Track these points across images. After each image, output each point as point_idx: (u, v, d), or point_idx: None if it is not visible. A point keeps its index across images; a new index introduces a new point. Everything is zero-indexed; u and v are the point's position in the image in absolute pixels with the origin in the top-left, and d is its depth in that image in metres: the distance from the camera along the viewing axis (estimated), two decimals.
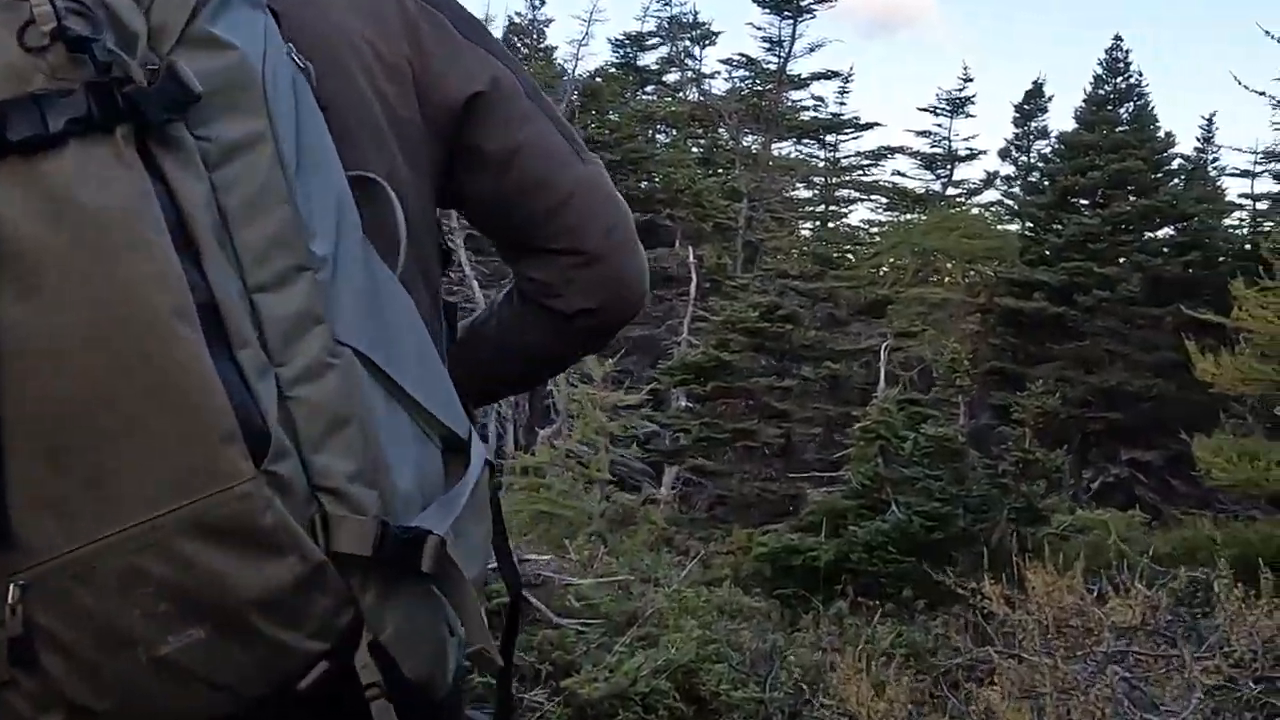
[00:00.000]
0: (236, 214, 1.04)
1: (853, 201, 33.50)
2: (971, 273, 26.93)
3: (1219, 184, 28.03)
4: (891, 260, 26.69)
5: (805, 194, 32.74)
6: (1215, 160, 29.25)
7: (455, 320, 1.48)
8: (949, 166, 34.34)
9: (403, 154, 1.32)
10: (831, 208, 32.73)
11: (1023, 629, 6.02)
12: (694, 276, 19.30)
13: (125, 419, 0.98)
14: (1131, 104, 24.62)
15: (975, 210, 32.48)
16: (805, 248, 25.78)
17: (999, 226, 30.41)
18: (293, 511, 1.02)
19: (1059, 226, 23.72)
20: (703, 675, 7.59)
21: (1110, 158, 23.01)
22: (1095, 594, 6.02)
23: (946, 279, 25.76)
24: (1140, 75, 24.85)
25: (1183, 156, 26.79)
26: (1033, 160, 32.18)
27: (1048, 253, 23.45)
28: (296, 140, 1.08)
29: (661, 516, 12.68)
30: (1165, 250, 22.80)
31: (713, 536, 13.10)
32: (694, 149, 28.86)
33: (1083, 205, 23.91)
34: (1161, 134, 24.70)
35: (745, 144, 29.69)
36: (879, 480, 10.97)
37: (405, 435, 1.12)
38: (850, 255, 25.30)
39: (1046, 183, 25.67)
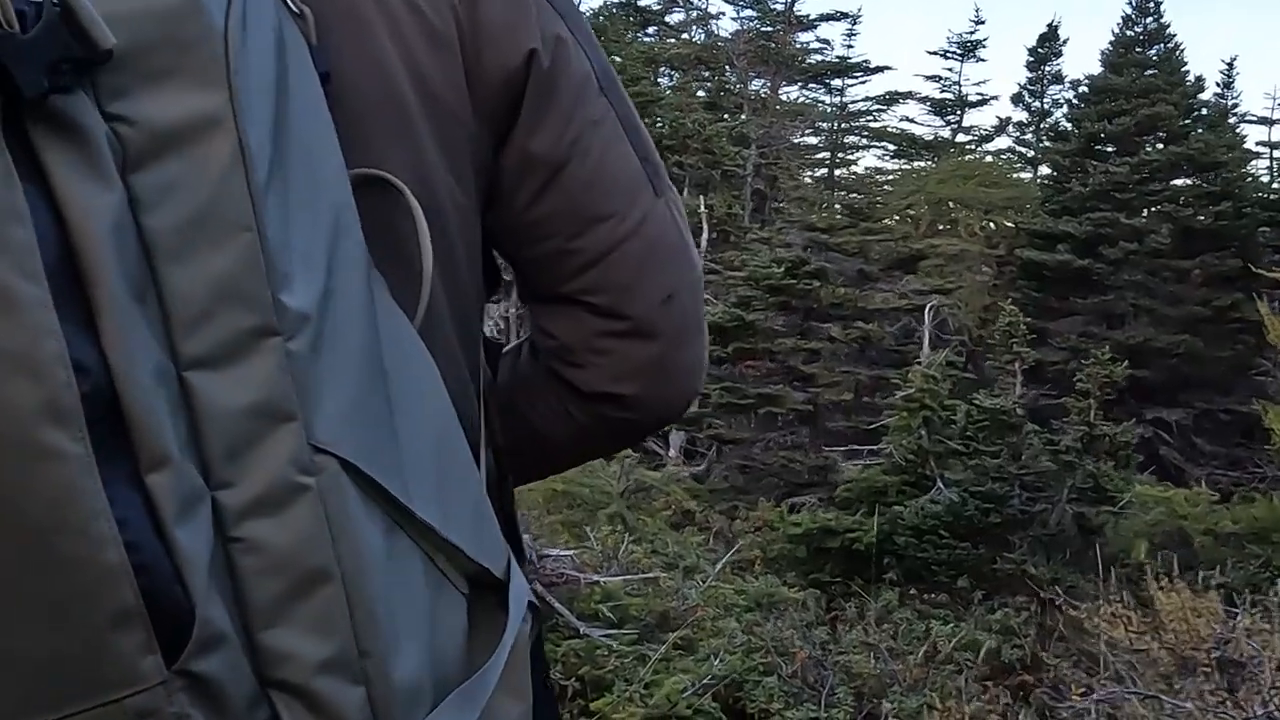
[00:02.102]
0: (167, 244, 0.71)
1: (860, 148, 32.54)
2: (988, 223, 25.91)
3: (1238, 131, 27.07)
4: (905, 210, 25.67)
5: (812, 140, 31.73)
6: (1235, 106, 28.30)
7: (497, 365, 1.11)
8: (959, 112, 33.32)
9: (439, 148, 0.95)
10: (839, 154, 31.73)
11: (1150, 660, 5.11)
12: (705, 227, 18.29)
13: None
14: (1161, 45, 23.49)
15: (989, 158, 31.49)
16: (822, 197, 24.74)
17: (1013, 175, 29.43)
18: None
19: (1082, 174, 22.71)
20: (749, 689, 6.76)
21: (1140, 102, 21.95)
22: (1235, 620, 5.11)
23: (963, 229, 24.75)
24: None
25: (1204, 104, 25.82)
26: (1046, 105, 31.21)
27: (1071, 203, 22.43)
28: (274, 126, 0.74)
29: (681, 489, 11.79)
30: (1195, 200, 21.78)
31: (735, 511, 12.21)
32: (699, 92, 27.78)
33: (1110, 152, 22.85)
34: (1191, 78, 23.59)
35: (753, 88, 28.60)
36: (922, 454, 10.05)
37: (413, 586, 0.78)
38: (878, 204, 24.21)
39: (1071, 127, 24.59)
